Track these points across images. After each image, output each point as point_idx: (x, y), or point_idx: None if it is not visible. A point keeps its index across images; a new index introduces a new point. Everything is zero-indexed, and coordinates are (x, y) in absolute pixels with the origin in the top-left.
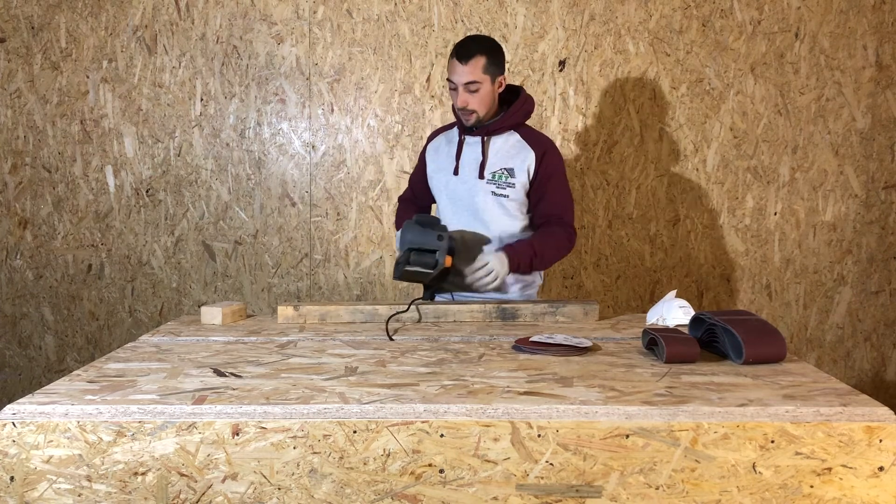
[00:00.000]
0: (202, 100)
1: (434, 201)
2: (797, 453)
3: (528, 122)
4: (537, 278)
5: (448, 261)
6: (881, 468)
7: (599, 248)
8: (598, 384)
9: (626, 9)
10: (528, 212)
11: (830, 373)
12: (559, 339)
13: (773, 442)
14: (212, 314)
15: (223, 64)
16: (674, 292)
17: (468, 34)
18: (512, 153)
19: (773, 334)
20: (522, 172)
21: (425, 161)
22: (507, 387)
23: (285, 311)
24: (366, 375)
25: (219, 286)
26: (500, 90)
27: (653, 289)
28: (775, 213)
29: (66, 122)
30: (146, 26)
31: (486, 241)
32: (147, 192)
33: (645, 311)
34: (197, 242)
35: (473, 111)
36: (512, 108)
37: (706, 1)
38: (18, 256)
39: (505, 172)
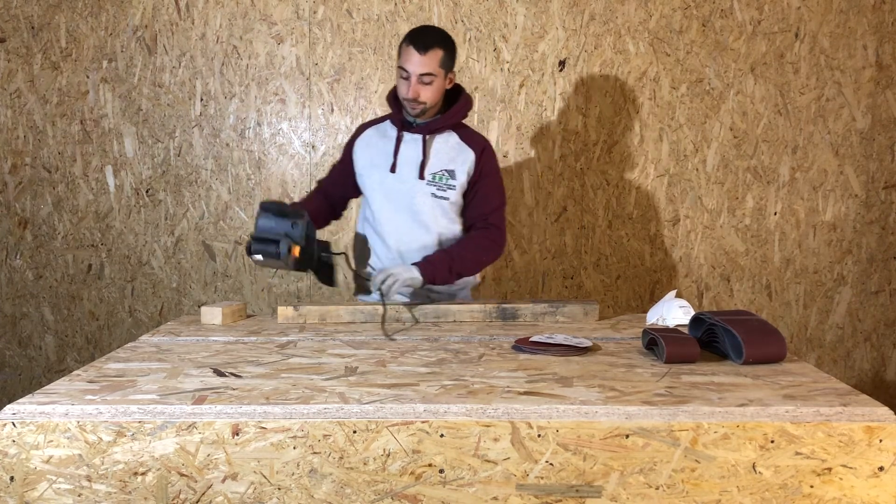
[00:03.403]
0: (202, 100)
1: (347, 197)
2: (797, 453)
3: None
4: (471, 279)
5: (296, 250)
6: (881, 468)
7: (599, 248)
8: (598, 384)
9: (626, 9)
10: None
11: (830, 373)
12: (559, 339)
13: (773, 442)
14: (212, 314)
15: (223, 64)
16: (674, 292)
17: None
18: (452, 154)
19: (773, 334)
20: (463, 174)
21: (351, 156)
22: (507, 387)
23: (285, 311)
24: (366, 375)
25: (219, 286)
26: (450, 86)
27: (653, 289)
28: (775, 213)
29: (66, 122)
30: (146, 26)
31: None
32: (147, 192)
33: (645, 311)
34: (197, 242)
35: (423, 103)
36: (455, 108)
37: (706, 1)
38: (18, 256)
39: (446, 174)
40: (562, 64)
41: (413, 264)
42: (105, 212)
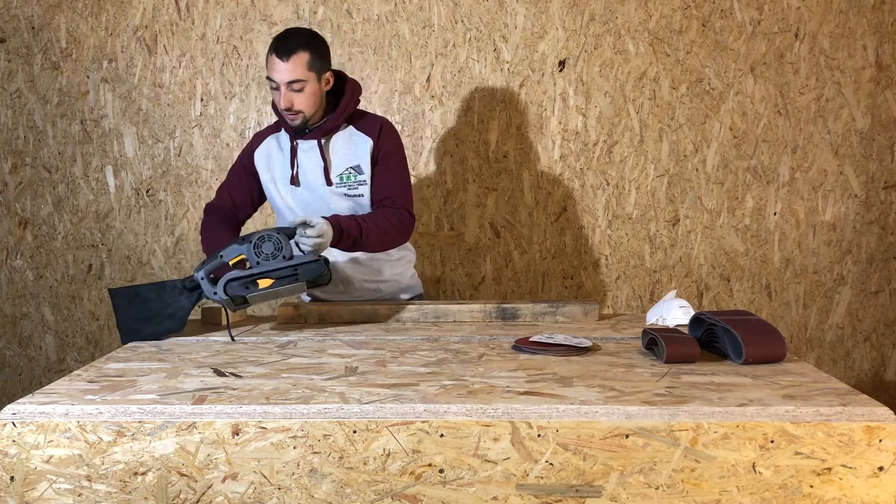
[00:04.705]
0: (202, 100)
1: (249, 215)
2: (797, 453)
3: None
4: (409, 254)
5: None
6: (881, 468)
7: (599, 248)
8: (598, 384)
9: (626, 9)
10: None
11: (830, 373)
12: (559, 339)
13: (773, 442)
14: (212, 314)
15: (223, 64)
16: (674, 292)
17: (292, 29)
18: (353, 149)
19: (773, 334)
20: (367, 165)
21: (254, 167)
22: (507, 387)
23: (285, 311)
24: (366, 375)
25: None
26: (328, 87)
27: (653, 289)
28: (775, 213)
29: (66, 122)
30: (146, 26)
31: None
32: (147, 192)
33: (645, 311)
34: (197, 243)
35: (299, 112)
36: (343, 103)
37: (706, 1)
38: (18, 256)
39: (352, 172)
40: (562, 64)
41: (326, 219)
42: (105, 212)
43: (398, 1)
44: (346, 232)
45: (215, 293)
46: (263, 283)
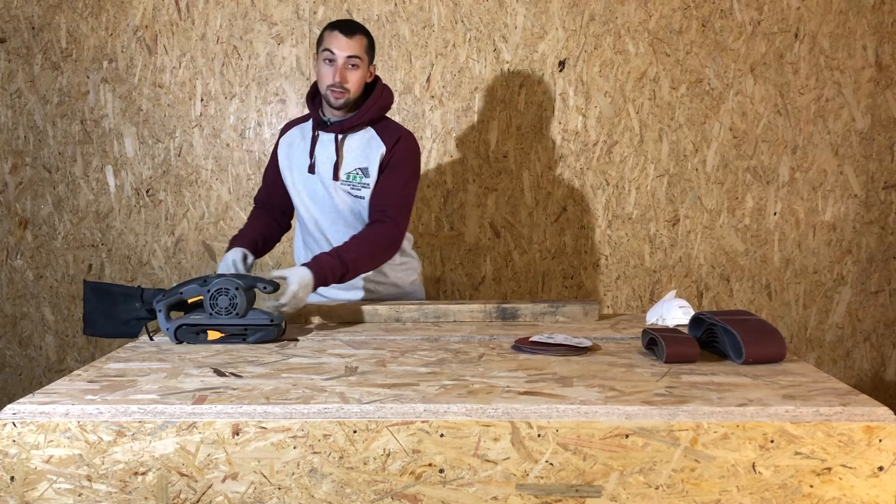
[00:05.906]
0: (202, 100)
1: (289, 203)
2: (797, 453)
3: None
4: (411, 260)
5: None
6: (881, 468)
7: (599, 248)
8: (598, 384)
9: (626, 9)
10: None
11: (830, 373)
12: (559, 339)
13: (772, 442)
14: None
15: (223, 64)
16: (673, 292)
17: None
18: (366, 151)
19: (773, 334)
20: (374, 170)
21: (278, 156)
22: (507, 387)
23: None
24: (366, 375)
25: None
26: (370, 80)
27: (653, 289)
28: (775, 213)
29: (66, 122)
30: (146, 26)
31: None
32: (147, 192)
33: (645, 311)
34: (197, 242)
35: (347, 90)
36: (367, 104)
37: (706, 1)
38: (19, 256)
39: (359, 173)
40: (562, 64)
41: (306, 266)
42: (105, 212)
43: (398, 1)
44: (332, 276)
45: (168, 329)
46: (213, 334)
